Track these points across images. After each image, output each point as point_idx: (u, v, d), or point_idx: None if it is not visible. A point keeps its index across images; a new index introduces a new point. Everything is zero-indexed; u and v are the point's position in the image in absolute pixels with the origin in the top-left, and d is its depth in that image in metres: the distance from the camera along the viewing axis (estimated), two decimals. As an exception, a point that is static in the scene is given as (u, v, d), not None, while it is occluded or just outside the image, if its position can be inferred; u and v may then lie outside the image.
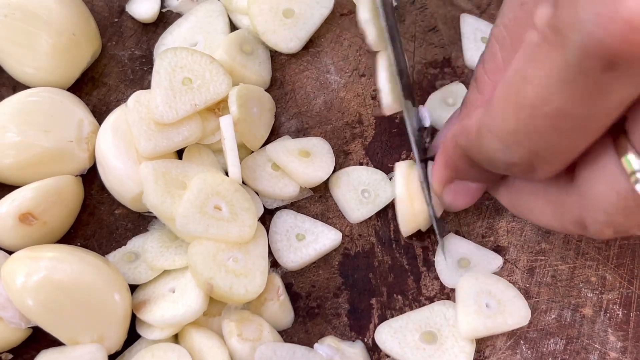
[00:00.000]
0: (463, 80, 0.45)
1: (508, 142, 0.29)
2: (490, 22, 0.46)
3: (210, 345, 0.37)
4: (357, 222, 0.42)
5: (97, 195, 0.42)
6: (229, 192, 0.39)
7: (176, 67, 0.41)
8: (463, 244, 0.41)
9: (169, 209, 0.38)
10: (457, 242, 0.41)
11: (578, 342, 0.40)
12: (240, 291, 0.37)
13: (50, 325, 0.36)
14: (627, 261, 0.41)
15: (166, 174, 0.39)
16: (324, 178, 0.41)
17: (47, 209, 0.39)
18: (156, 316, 0.37)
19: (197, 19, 0.45)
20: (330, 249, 0.41)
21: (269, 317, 0.39)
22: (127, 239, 0.41)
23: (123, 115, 0.41)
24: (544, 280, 0.41)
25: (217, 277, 0.37)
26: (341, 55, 0.46)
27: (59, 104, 0.41)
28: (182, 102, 0.40)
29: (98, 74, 0.45)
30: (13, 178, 0.40)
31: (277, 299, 0.39)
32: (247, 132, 0.41)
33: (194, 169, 0.40)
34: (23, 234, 0.38)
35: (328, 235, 0.41)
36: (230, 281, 0.37)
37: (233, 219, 0.38)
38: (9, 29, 0.41)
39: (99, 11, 0.47)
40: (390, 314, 0.40)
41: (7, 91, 0.44)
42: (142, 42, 0.46)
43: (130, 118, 0.40)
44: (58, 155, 0.40)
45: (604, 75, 0.23)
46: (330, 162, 0.42)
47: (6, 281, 0.36)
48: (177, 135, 0.40)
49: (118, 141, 0.40)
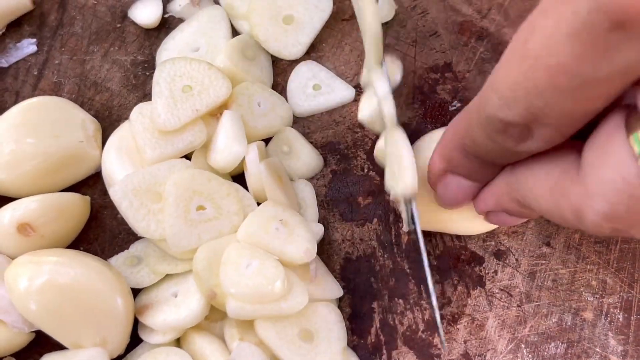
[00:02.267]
0: (464, 85, 0.45)
1: (508, 97, 0.28)
2: (489, 27, 0.46)
3: (212, 349, 0.37)
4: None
5: (100, 200, 0.43)
6: (204, 186, 0.39)
7: (175, 76, 0.41)
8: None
9: (157, 231, 0.38)
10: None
11: (579, 346, 0.40)
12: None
13: (53, 329, 0.36)
14: (628, 265, 0.41)
15: (137, 191, 0.38)
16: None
17: (47, 223, 0.39)
18: (158, 320, 0.37)
19: (200, 24, 0.45)
20: (340, 103, 0.44)
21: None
22: (129, 243, 0.41)
23: (127, 130, 0.41)
24: (544, 284, 0.41)
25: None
26: (343, 60, 0.46)
27: (59, 108, 0.42)
28: (184, 108, 0.40)
29: (101, 79, 0.45)
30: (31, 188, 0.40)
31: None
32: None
33: (161, 171, 0.39)
34: (19, 244, 0.38)
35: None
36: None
37: (219, 214, 0.38)
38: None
39: (102, 16, 0.47)
40: (391, 317, 0.40)
41: (9, 96, 0.45)
42: (144, 47, 0.46)
43: (134, 129, 0.40)
44: (73, 157, 0.41)
45: (610, 35, 0.23)
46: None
47: (9, 285, 0.36)
48: (181, 141, 0.40)
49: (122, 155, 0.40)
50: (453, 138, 0.34)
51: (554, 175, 0.30)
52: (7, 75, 0.45)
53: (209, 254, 0.37)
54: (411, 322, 0.40)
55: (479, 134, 0.31)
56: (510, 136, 0.29)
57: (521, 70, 0.27)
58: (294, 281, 0.37)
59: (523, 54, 0.26)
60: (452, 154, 0.34)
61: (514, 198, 0.34)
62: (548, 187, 0.31)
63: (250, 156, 0.39)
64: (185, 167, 0.39)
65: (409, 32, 0.47)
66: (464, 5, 0.47)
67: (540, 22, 0.25)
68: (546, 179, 0.31)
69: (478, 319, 0.40)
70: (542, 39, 0.25)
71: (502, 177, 0.34)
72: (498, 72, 0.28)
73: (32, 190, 0.40)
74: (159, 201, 0.38)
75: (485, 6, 0.47)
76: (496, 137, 0.30)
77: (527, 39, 0.26)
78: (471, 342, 0.40)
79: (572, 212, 0.29)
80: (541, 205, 0.31)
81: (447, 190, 0.36)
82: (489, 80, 0.29)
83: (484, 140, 0.31)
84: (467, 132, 0.32)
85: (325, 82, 0.45)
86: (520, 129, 0.29)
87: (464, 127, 0.32)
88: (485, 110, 0.29)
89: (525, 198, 0.33)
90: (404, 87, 0.45)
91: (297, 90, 0.45)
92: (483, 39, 0.46)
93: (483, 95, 0.30)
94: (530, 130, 0.28)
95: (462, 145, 0.33)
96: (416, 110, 0.45)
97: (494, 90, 0.28)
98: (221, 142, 0.40)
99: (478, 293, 0.41)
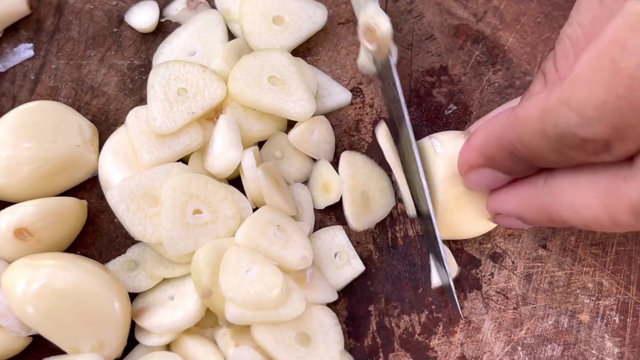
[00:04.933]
0: (460, 89, 0.45)
1: (591, 116, 0.27)
2: (484, 30, 0.46)
3: (205, 352, 0.37)
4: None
5: (97, 204, 0.43)
6: (200, 190, 0.39)
7: (170, 80, 0.41)
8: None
9: (153, 235, 0.38)
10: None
11: (575, 348, 0.40)
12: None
13: (50, 333, 0.36)
14: (624, 267, 0.41)
15: (134, 195, 0.38)
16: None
17: (44, 227, 0.39)
18: (155, 322, 0.37)
19: (196, 28, 0.45)
20: (336, 107, 0.45)
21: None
22: (126, 247, 0.41)
23: (123, 134, 0.41)
24: (541, 286, 0.41)
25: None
26: (339, 63, 0.46)
27: (55, 113, 0.42)
28: (179, 111, 0.40)
29: (97, 84, 0.45)
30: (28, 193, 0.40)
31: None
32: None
33: (158, 175, 0.39)
34: (16, 249, 0.38)
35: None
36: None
37: (216, 218, 0.39)
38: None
39: (98, 21, 0.47)
40: (388, 320, 0.40)
41: (7, 101, 0.45)
42: (141, 52, 0.46)
43: (130, 133, 0.40)
44: (71, 161, 0.41)
45: None
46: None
47: (7, 289, 0.36)
48: (178, 144, 0.40)
49: (119, 159, 0.40)
50: (499, 141, 0.33)
51: (601, 183, 0.30)
52: (4, 79, 0.46)
53: (210, 252, 0.37)
54: (408, 325, 0.40)
55: (541, 146, 0.31)
56: (586, 151, 0.29)
57: (612, 89, 0.26)
58: (291, 287, 0.37)
59: (613, 73, 0.26)
60: (495, 155, 0.34)
61: (546, 213, 0.33)
62: (595, 194, 0.30)
63: (246, 162, 0.39)
64: (182, 171, 0.39)
65: (405, 35, 0.47)
66: (459, 8, 0.47)
67: (633, 42, 0.25)
68: (592, 187, 0.31)
69: (474, 321, 0.40)
70: (638, 58, 0.25)
71: (530, 190, 0.34)
72: (576, 90, 0.28)
73: (29, 194, 0.40)
74: (155, 205, 0.38)
75: (481, 9, 0.47)
76: (569, 152, 0.30)
77: (618, 59, 0.26)
78: (467, 344, 0.40)
79: (628, 211, 0.29)
80: (583, 216, 0.31)
81: (481, 181, 0.36)
82: (560, 97, 0.28)
83: (547, 151, 0.31)
84: (522, 140, 0.31)
85: (322, 85, 0.45)
86: (600, 144, 0.28)
87: (516, 135, 0.32)
88: (558, 126, 0.29)
89: (560, 212, 0.32)
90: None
91: None
92: (479, 42, 0.46)
93: (552, 110, 0.29)
94: (609, 145, 0.28)
95: (510, 150, 0.32)
96: (412, 113, 0.45)
97: (571, 109, 0.28)
98: (217, 147, 0.40)
99: (474, 296, 0.41)
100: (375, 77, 0.45)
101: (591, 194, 0.31)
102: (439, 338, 0.40)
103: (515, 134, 0.31)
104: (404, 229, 0.42)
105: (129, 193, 0.38)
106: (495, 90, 0.45)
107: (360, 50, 0.44)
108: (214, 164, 0.40)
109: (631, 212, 0.29)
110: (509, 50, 0.46)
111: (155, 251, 0.40)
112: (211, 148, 0.40)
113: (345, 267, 0.41)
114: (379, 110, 0.45)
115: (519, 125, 0.31)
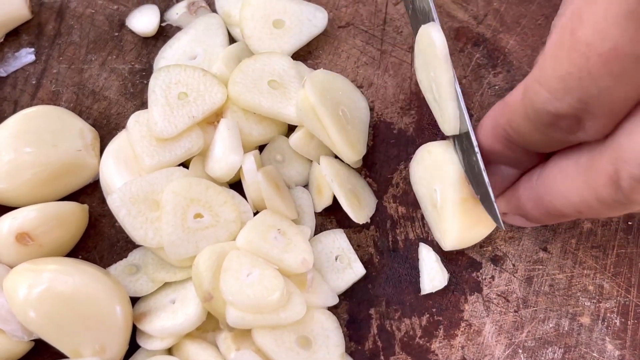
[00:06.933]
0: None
1: (558, 90, 0.28)
2: (485, 33, 0.46)
3: (207, 355, 0.37)
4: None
5: (98, 208, 0.43)
6: (201, 194, 0.39)
7: (170, 84, 0.41)
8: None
9: (154, 239, 0.38)
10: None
11: (576, 351, 0.40)
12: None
13: (52, 337, 0.36)
14: (625, 270, 0.41)
15: (135, 199, 0.39)
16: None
17: (46, 232, 0.39)
18: (156, 326, 0.38)
19: (197, 32, 0.46)
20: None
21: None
22: (127, 251, 0.41)
23: (124, 138, 0.41)
24: (541, 289, 0.41)
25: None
26: (339, 67, 0.46)
27: (57, 118, 0.42)
28: (180, 115, 0.40)
29: (99, 88, 0.46)
30: (29, 197, 0.41)
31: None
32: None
33: (159, 179, 0.39)
34: (18, 253, 0.38)
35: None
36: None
37: (216, 222, 0.39)
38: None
39: (99, 25, 0.47)
40: (389, 323, 0.40)
41: (8, 106, 0.45)
42: (142, 56, 0.46)
43: (131, 138, 0.40)
44: (72, 166, 0.41)
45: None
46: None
47: (9, 294, 0.36)
48: (179, 148, 0.40)
49: (120, 164, 0.40)
50: (493, 132, 0.34)
51: (581, 162, 0.31)
52: (6, 84, 0.46)
53: (211, 256, 0.37)
54: (408, 328, 0.40)
55: (526, 127, 0.31)
56: (561, 128, 0.30)
57: (572, 60, 0.27)
58: (292, 291, 0.37)
59: (572, 44, 0.26)
60: (493, 145, 0.35)
61: (542, 205, 0.34)
62: (577, 174, 0.31)
63: (247, 166, 0.39)
64: (183, 175, 0.40)
65: (405, 38, 0.47)
66: (460, 11, 0.47)
67: (588, 10, 0.26)
68: (575, 168, 0.31)
69: (475, 324, 0.40)
70: (592, 26, 0.25)
71: (527, 184, 0.35)
72: (544, 66, 0.28)
73: (30, 199, 0.40)
74: (156, 209, 0.39)
75: (482, 12, 0.47)
76: (546, 130, 0.31)
77: (575, 29, 0.26)
78: (469, 347, 0.40)
79: (606, 184, 0.29)
80: (573, 200, 0.32)
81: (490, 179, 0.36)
82: (533, 75, 0.29)
83: (532, 132, 0.31)
84: (511, 125, 0.32)
85: None
86: (571, 120, 0.29)
87: (506, 120, 0.33)
88: (533, 104, 0.30)
89: (553, 200, 0.33)
90: (401, 93, 0.45)
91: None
92: (479, 45, 0.46)
93: (528, 89, 0.30)
94: (580, 121, 0.29)
95: (505, 137, 0.33)
96: (413, 116, 0.45)
97: (541, 84, 0.29)
98: (218, 151, 0.40)
99: (475, 299, 0.41)
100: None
101: (575, 175, 0.31)
102: (440, 341, 0.40)
103: (505, 119, 0.32)
104: (404, 232, 0.42)
105: (130, 197, 0.38)
106: (495, 92, 0.45)
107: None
108: (215, 167, 0.40)
109: (609, 184, 0.29)
110: (509, 53, 0.46)
111: (157, 255, 0.40)
112: (212, 152, 0.40)
113: (346, 271, 0.41)
114: (379, 114, 0.45)
115: (508, 110, 0.32)
